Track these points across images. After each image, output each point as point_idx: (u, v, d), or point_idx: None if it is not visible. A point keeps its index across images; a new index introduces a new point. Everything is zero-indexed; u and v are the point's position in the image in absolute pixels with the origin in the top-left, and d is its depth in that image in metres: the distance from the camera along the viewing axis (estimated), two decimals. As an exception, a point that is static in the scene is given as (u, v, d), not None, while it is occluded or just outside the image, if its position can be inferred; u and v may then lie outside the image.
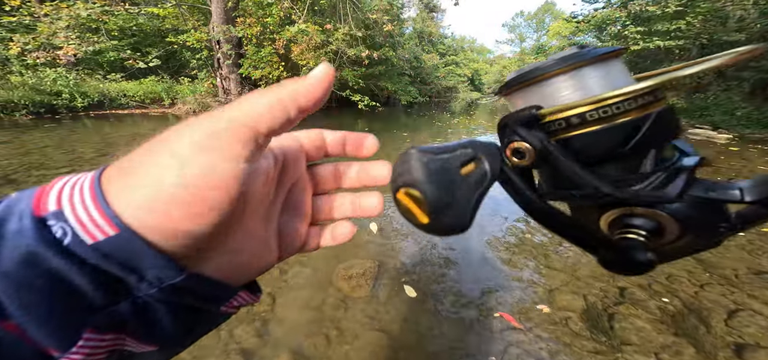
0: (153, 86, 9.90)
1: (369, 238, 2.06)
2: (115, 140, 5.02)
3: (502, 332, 1.31)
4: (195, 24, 10.43)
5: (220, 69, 9.76)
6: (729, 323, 1.33)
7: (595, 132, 0.20)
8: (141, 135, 5.57)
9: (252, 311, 1.38)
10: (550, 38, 27.78)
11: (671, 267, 1.73)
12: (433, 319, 1.38)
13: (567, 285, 1.60)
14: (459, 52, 31.88)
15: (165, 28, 10.61)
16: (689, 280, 1.62)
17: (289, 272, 1.67)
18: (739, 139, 5.90)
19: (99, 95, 8.61)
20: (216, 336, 1.25)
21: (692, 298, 1.48)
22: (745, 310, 1.40)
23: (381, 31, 10.46)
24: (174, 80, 10.93)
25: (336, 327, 1.32)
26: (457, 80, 28.53)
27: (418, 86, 17.94)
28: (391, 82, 13.05)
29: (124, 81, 9.70)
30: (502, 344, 1.25)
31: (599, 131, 0.20)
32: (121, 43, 9.85)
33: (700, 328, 1.32)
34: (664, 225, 0.21)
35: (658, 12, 10.00)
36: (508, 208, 2.52)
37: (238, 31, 8.50)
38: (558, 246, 1.97)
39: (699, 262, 1.77)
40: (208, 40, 9.52)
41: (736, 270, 1.70)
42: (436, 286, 1.60)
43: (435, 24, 26.80)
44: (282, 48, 8.50)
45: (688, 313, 1.39)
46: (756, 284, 1.57)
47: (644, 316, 1.38)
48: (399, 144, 5.33)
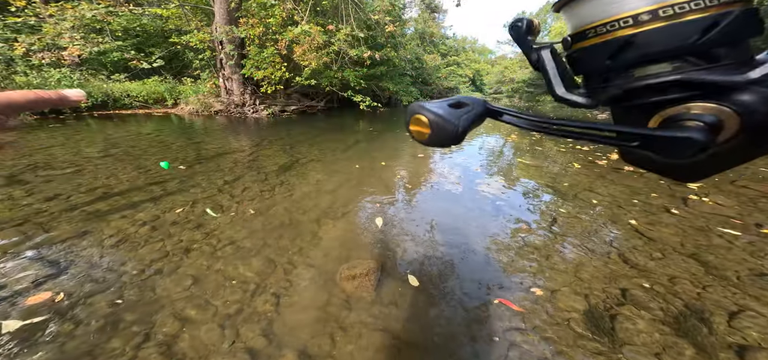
0: (156, 86, 9.97)
1: (372, 237, 2.07)
2: (119, 140, 5.05)
3: (504, 333, 1.32)
4: (198, 24, 10.47)
5: (222, 69, 9.80)
6: (731, 324, 1.34)
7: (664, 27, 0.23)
8: (144, 134, 5.60)
9: (257, 311, 1.40)
10: (552, 38, 27.70)
11: (674, 268, 1.74)
12: (435, 319, 1.39)
13: (569, 286, 1.60)
14: (460, 53, 31.87)
15: (168, 29, 10.67)
16: (691, 282, 1.62)
17: (292, 273, 1.69)
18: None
19: (103, 95, 8.68)
20: (222, 335, 1.27)
21: (694, 300, 1.49)
22: (747, 312, 1.40)
23: (383, 32, 10.48)
24: (177, 81, 10.99)
25: (340, 327, 1.33)
26: (458, 81, 28.50)
27: (420, 87, 17.95)
28: (392, 82, 13.06)
29: (127, 81, 9.77)
30: (505, 346, 1.26)
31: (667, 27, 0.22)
32: (125, 43, 9.92)
33: (701, 329, 1.32)
34: (723, 120, 0.22)
35: None
36: (509, 210, 2.53)
37: (241, 31, 8.54)
38: (558, 247, 1.98)
39: (701, 264, 1.78)
40: (211, 41, 9.56)
41: (738, 272, 1.70)
42: (439, 288, 1.61)
43: (436, 24, 26.79)
44: (284, 48, 8.53)
45: (689, 314, 1.40)
46: (758, 286, 1.57)
47: (646, 317, 1.39)
48: (402, 143, 5.34)
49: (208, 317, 1.37)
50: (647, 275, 1.68)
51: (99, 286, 1.54)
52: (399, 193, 2.93)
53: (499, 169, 4.01)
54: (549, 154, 4.80)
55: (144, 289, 1.53)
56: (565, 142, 5.66)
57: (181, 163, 3.78)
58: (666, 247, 1.96)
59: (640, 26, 0.23)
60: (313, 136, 6.08)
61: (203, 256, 1.82)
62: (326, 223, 2.27)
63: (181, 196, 2.70)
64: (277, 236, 2.06)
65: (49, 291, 1.48)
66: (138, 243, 1.94)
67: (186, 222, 2.24)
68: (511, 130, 7.47)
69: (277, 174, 3.43)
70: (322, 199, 2.74)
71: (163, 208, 2.45)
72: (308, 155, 4.37)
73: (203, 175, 3.35)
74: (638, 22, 0.23)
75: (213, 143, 5.11)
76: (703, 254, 1.88)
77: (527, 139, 6.10)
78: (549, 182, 3.34)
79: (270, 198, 2.73)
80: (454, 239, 2.08)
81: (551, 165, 4.12)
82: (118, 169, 3.45)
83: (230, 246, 1.93)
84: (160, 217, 2.29)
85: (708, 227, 2.22)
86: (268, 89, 9.37)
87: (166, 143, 4.96)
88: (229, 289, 1.55)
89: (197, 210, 2.44)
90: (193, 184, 3.05)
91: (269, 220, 2.30)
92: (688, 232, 2.14)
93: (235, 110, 9.77)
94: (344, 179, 3.31)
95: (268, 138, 5.73)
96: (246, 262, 1.76)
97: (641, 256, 1.87)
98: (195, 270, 1.69)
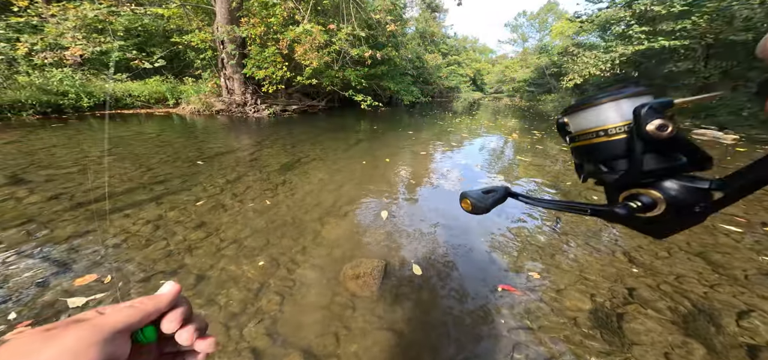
0: (157, 86, 9.97)
1: (375, 236, 2.06)
2: (120, 140, 5.06)
3: (510, 332, 1.31)
4: (199, 24, 10.48)
5: (224, 69, 9.80)
6: (740, 324, 1.32)
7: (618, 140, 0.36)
8: (145, 134, 5.61)
9: (261, 310, 1.39)
10: (553, 38, 27.51)
11: (680, 267, 1.72)
12: (440, 318, 1.38)
13: (574, 285, 1.59)
14: (461, 52, 31.79)
15: (170, 29, 10.68)
16: (698, 281, 1.61)
17: (296, 272, 1.68)
18: (746, 139, 5.84)
19: (104, 95, 8.69)
20: (226, 335, 1.27)
21: (702, 299, 1.47)
22: (756, 311, 1.38)
23: (384, 31, 10.46)
24: (178, 80, 11.00)
25: (344, 326, 1.32)
26: (459, 80, 28.43)
27: (421, 86, 17.92)
28: (393, 82, 13.05)
29: (129, 81, 9.78)
30: (510, 345, 1.25)
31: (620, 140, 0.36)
32: (127, 43, 9.93)
33: (710, 328, 1.31)
34: (655, 200, 0.34)
35: (663, 11, 9.92)
36: (512, 210, 2.52)
37: (242, 31, 8.53)
38: (563, 246, 1.97)
39: (708, 263, 1.76)
40: (213, 40, 9.57)
41: (746, 271, 1.68)
42: (443, 287, 1.60)
43: (437, 24, 26.73)
44: (285, 48, 8.53)
45: (698, 314, 1.38)
46: (765, 285, 1.56)
47: (654, 317, 1.38)
48: (404, 142, 5.32)
49: (212, 315, 1.36)
50: (654, 274, 1.67)
51: (98, 286, 1.54)
52: (401, 191, 2.92)
53: (500, 168, 4.00)
54: (550, 153, 4.78)
55: (147, 288, 1.52)
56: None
57: (183, 161, 3.78)
58: (672, 246, 1.95)
59: (604, 138, 0.36)
60: (314, 135, 6.07)
61: (207, 255, 1.82)
62: (329, 221, 2.26)
63: (185, 195, 2.70)
64: (279, 235, 2.05)
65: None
66: (141, 243, 1.94)
67: (189, 221, 2.23)
68: (513, 130, 7.44)
69: (280, 173, 3.43)
70: (324, 197, 2.73)
71: (165, 207, 2.45)
72: (310, 154, 4.37)
73: (207, 173, 3.35)
74: (606, 134, 0.36)
75: (214, 142, 5.11)
76: (710, 253, 1.86)
77: (529, 139, 6.07)
78: (551, 181, 3.32)
79: (272, 197, 2.72)
80: (457, 238, 2.06)
81: (552, 164, 4.10)
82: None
83: (233, 245, 1.92)
84: (162, 217, 2.29)
85: (714, 226, 2.20)
86: (270, 89, 9.37)
87: (166, 143, 4.96)
88: (233, 287, 1.54)
89: (199, 209, 2.44)
90: (195, 183, 3.05)
91: (272, 219, 2.29)
92: (694, 231, 2.12)
93: (237, 110, 9.77)
94: (347, 178, 3.30)
95: (269, 137, 5.73)
96: (250, 261, 1.76)
97: (647, 255, 1.85)
98: (198, 269, 1.68)
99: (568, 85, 14.07)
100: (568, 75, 13.70)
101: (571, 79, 13.43)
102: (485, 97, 31.91)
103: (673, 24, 9.97)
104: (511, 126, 8.75)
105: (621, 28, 12.46)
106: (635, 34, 11.02)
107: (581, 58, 13.38)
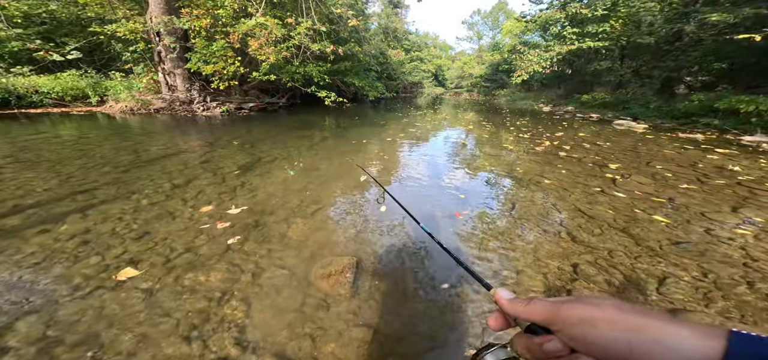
0: (74, 81, 8.47)
1: (345, 234, 2.04)
2: (29, 145, 4.24)
3: (478, 317, 1.40)
4: (127, 13, 9.21)
5: (162, 63, 8.77)
6: (660, 290, 1.58)
7: None
8: (61, 137, 4.79)
9: (225, 320, 1.29)
10: (504, 36, 29.27)
11: (610, 243, 2.00)
12: (413, 309, 1.42)
13: (530, 266, 1.75)
14: (423, 48, 32.55)
15: (86, 17, 9.18)
16: (625, 254, 1.88)
17: (262, 276, 1.59)
18: (653, 128, 7.02)
19: (2, 92, 7.20)
20: (188, 347, 1.15)
21: (630, 270, 1.73)
22: (671, 277, 1.67)
23: (346, 26, 10.29)
24: (102, 75, 9.53)
25: (319, 327, 1.29)
26: (422, 76, 29.19)
27: (385, 82, 18.07)
28: (357, 77, 12.94)
29: (33, 75, 8.18)
30: (479, 327, 1.34)
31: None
32: (28, 31, 8.29)
33: (638, 297, 1.54)
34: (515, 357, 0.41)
35: (589, 14, 11.33)
36: (475, 198, 2.68)
37: (184, 22, 7.71)
38: (519, 231, 2.15)
39: (631, 237, 2.06)
40: (145, 31, 8.49)
41: (660, 242, 2.01)
42: (414, 278, 1.64)
43: (399, 20, 27.11)
44: (237, 42, 7.92)
45: (628, 284, 1.62)
46: (676, 253, 1.88)
47: (595, 290, 1.58)
48: (370, 137, 5.31)
49: (169, 329, 1.22)
50: (591, 250, 1.91)
51: (22, 309, 1.28)
52: (369, 188, 2.93)
53: (462, 159, 4.22)
54: (504, 144, 5.18)
55: (85, 309, 1.31)
56: (514, 132, 6.17)
57: (114, 166, 3.31)
58: (603, 223, 2.25)
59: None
60: (275, 133, 5.77)
61: (155, 267, 1.62)
62: (296, 222, 2.18)
63: (120, 204, 2.37)
64: (241, 240, 1.92)
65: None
66: (68, 259, 1.66)
67: (128, 232, 1.97)
68: (471, 123, 7.90)
69: (238, 175, 3.19)
70: (290, 197, 2.62)
71: (94, 219, 2.13)
72: (271, 153, 4.14)
73: (147, 179, 2.97)
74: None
75: (155, 145, 4.57)
76: (632, 228, 2.19)
77: (486, 130, 6.51)
78: (506, 170, 3.60)
79: (230, 200, 2.53)
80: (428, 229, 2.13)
81: (507, 154, 4.46)
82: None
83: (188, 253, 1.75)
84: (91, 229, 1.99)
85: (632, 204, 2.59)
86: (221, 85, 8.63)
87: (90, 146, 4.31)
88: (191, 299, 1.40)
89: (140, 218, 2.16)
90: (133, 190, 2.69)
91: (232, 223, 2.13)
92: (619, 209, 2.48)
93: (181, 108, 8.83)
94: (313, 177, 3.20)
95: (223, 137, 5.29)
96: (207, 270, 1.61)
97: (585, 233, 2.12)
98: (146, 283, 1.50)
99: (517, 80, 15.32)
100: (517, 72, 14.89)
101: (519, 75, 14.61)
102: (446, 92, 33.23)
103: (597, 27, 11.43)
104: (469, 119, 9.28)
105: (557, 28, 13.87)
106: (568, 35, 12.40)
107: (527, 56, 14.61)
